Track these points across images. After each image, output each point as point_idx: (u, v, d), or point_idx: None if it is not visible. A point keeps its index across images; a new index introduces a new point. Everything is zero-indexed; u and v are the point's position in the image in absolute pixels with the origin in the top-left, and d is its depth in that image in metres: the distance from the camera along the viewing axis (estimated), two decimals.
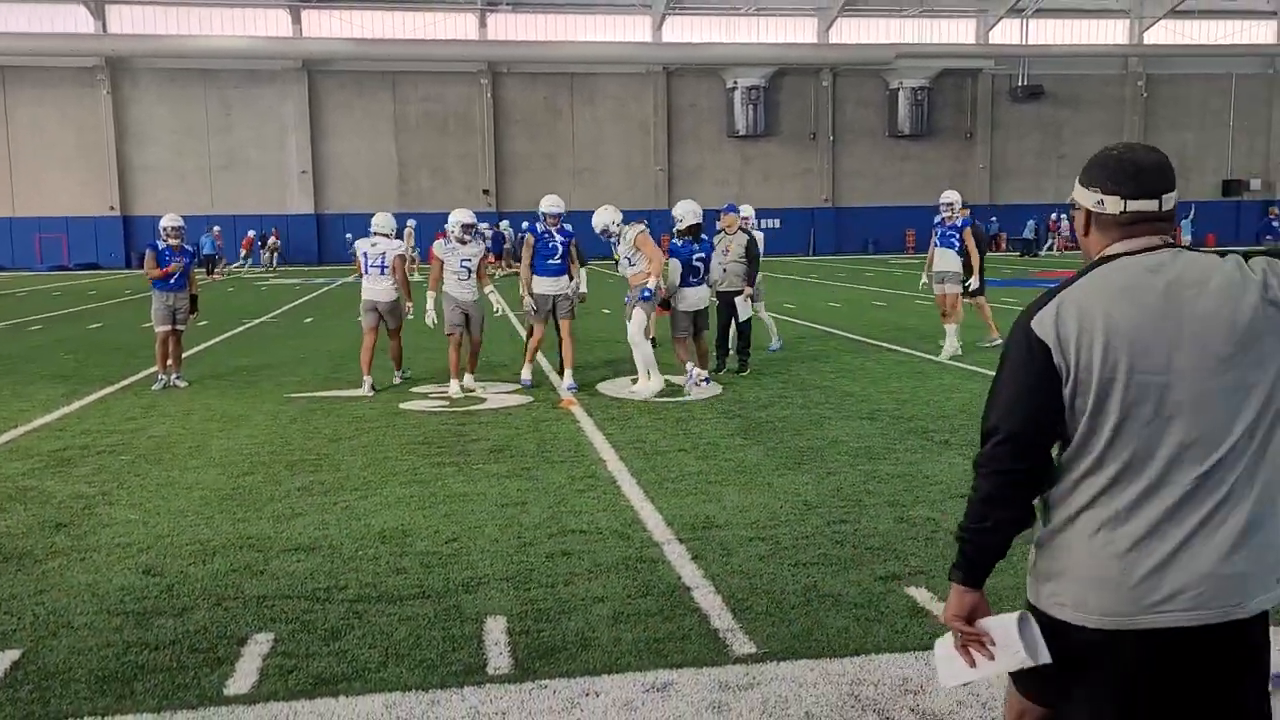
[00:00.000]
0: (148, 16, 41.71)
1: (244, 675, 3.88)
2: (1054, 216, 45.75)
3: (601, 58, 43.92)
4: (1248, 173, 49.81)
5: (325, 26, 42.75)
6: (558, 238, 10.45)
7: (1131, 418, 2.00)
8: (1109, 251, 2.12)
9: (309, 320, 19.01)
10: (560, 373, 10.62)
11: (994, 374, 2.19)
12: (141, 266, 11.18)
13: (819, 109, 46.81)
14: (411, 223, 31.79)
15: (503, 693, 3.71)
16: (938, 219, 12.85)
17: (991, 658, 2.15)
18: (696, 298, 10.51)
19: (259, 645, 4.14)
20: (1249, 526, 1.99)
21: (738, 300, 11.15)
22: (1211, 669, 2.03)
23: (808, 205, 46.86)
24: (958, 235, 12.61)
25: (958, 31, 47.61)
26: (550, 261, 10.45)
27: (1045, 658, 2.11)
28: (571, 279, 10.66)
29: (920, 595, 4.56)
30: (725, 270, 11.24)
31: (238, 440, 8.25)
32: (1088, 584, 2.06)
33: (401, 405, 9.71)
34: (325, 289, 28.16)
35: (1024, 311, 2.13)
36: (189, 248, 11.23)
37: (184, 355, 11.62)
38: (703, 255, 10.62)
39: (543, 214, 10.50)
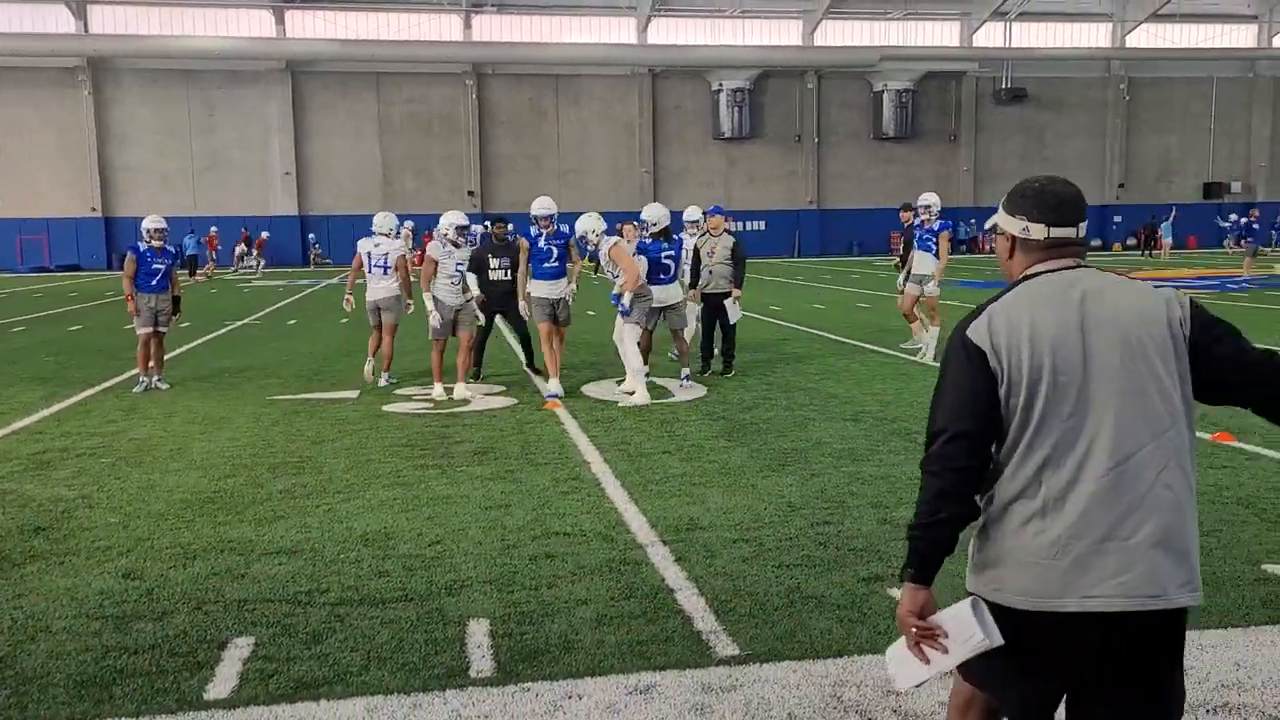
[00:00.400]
0: (130, 17, 41.48)
1: (224, 679, 3.85)
2: None
3: (587, 59, 43.91)
4: (1228, 176, 50.18)
5: (309, 27, 42.60)
6: (552, 241, 10.31)
7: (1054, 414, 2.22)
8: (1031, 271, 2.37)
9: (292, 322, 18.93)
10: (545, 376, 10.59)
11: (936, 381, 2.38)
12: (123, 268, 11.09)
13: (804, 111, 46.92)
14: (409, 224, 31.64)
15: (485, 696, 3.70)
16: (916, 221, 12.88)
17: (946, 651, 2.25)
18: (664, 294, 10.48)
19: (239, 649, 4.12)
20: (1167, 523, 2.19)
21: (726, 302, 11.16)
22: (1137, 652, 2.20)
23: (792, 207, 46.96)
24: (934, 238, 12.61)
25: (942, 34, 47.82)
26: (546, 265, 10.30)
27: (999, 639, 2.21)
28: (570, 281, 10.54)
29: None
30: (711, 272, 11.24)
31: (219, 443, 8.20)
32: (1022, 570, 2.23)
33: (385, 407, 9.68)
34: (309, 290, 28.05)
35: (958, 325, 2.35)
36: (171, 249, 11.17)
37: (166, 357, 11.56)
38: (672, 254, 10.63)
39: (534, 216, 10.39)
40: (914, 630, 2.28)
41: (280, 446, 8.01)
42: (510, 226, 12.01)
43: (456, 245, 10.34)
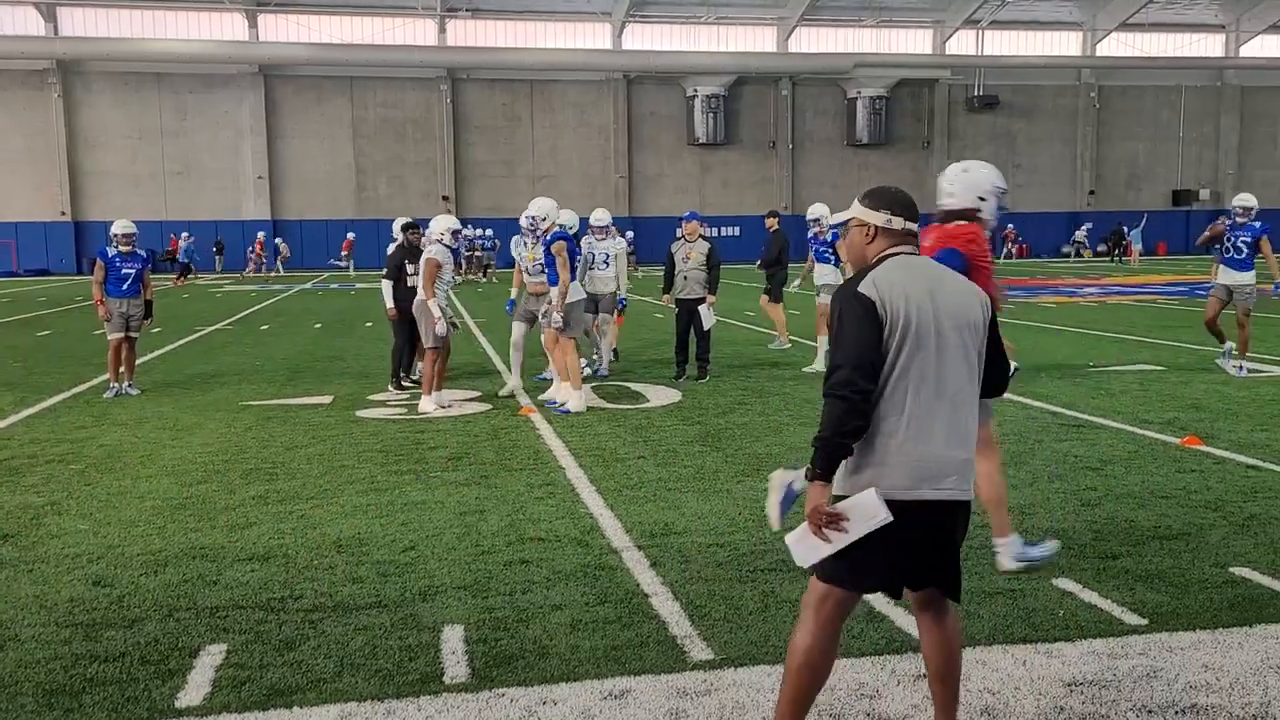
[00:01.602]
0: (100, 19, 41.13)
1: (196, 687, 3.82)
2: (1009, 226, 46.40)
3: (561, 65, 43.93)
4: (1197, 183, 50.82)
5: (282, 31, 42.36)
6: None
7: (915, 355, 2.95)
8: (890, 252, 3.11)
9: (265, 328, 18.80)
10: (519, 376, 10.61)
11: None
12: (92, 273, 10.99)
13: (778, 117, 47.14)
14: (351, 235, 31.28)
15: (460, 702, 3.69)
16: (810, 234, 12.53)
17: (846, 531, 2.89)
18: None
19: (211, 656, 4.08)
20: (972, 440, 3.04)
21: (701, 309, 11.18)
22: (954, 530, 3.05)
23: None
24: (829, 249, 12.26)
25: (915, 42, 48.20)
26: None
27: (891, 516, 2.88)
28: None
29: (876, 599, 4.59)
30: (686, 278, 11.27)
31: (191, 449, 8.14)
32: (888, 469, 2.94)
33: (358, 413, 9.63)
34: (284, 294, 27.88)
35: (842, 287, 3.06)
36: (142, 253, 11.08)
37: (138, 362, 11.45)
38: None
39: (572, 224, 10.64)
40: (824, 517, 2.91)
41: (253, 452, 7.96)
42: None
43: (448, 247, 10.20)
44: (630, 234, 34.84)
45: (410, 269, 10.78)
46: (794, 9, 44.87)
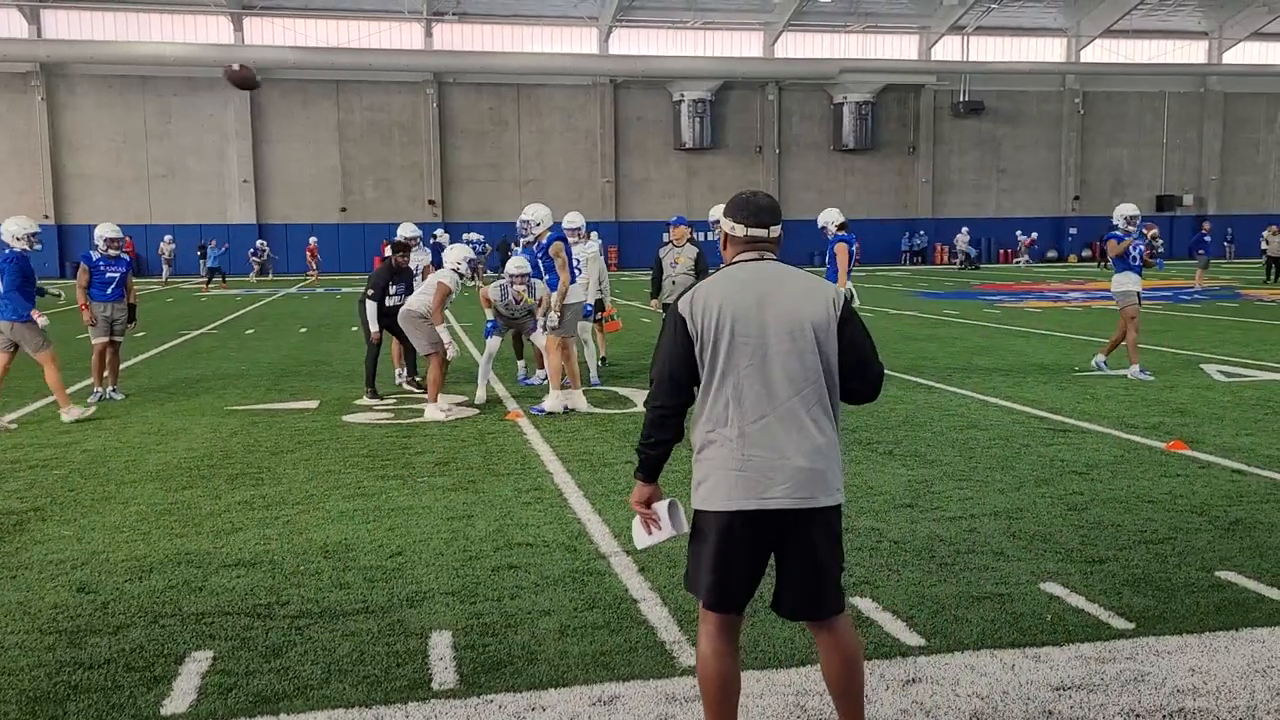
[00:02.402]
0: (84, 22, 40.91)
1: (182, 694, 3.80)
2: (1019, 233, 46.72)
3: (548, 69, 43.92)
4: (1180, 188, 51.16)
5: (267, 34, 42.23)
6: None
7: (733, 367, 2.97)
8: (734, 259, 3.15)
9: (250, 332, 18.72)
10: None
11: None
12: (76, 277, 10.92)
13: (765, 122, 47.24)
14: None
15: (448, 708, 3.67)
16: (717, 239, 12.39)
17: (659, 528, 3.19)
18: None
19: (197, 663, 4.06)
20: (815, 446, 2.97)
21: None
22: (795, 541, 3.00)
23: None
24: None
25: (901, 47, 48.38)
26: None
27: (684, 529, 3.17)
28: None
29: (865, 605, 4.60)
30: (674, 283, 11.27)
31: (176, 454, 8.09)
32: (711, 481, 2.99)
33: (345, 418, 9.59)
34: (268, 299, 27.77)
35: (677, 298, 3.10)
36: (126, 257, 11.03)
37: (122, 367, 11.38)
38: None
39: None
40: (640, 513, 3.20)
41: (239, 457, 7.92)
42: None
43: (461, 275, 10.17)
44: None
45: (392, 289, 10.77)
46: (780, 14, 45.00)
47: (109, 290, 10.73)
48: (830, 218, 12.40)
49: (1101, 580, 4.85)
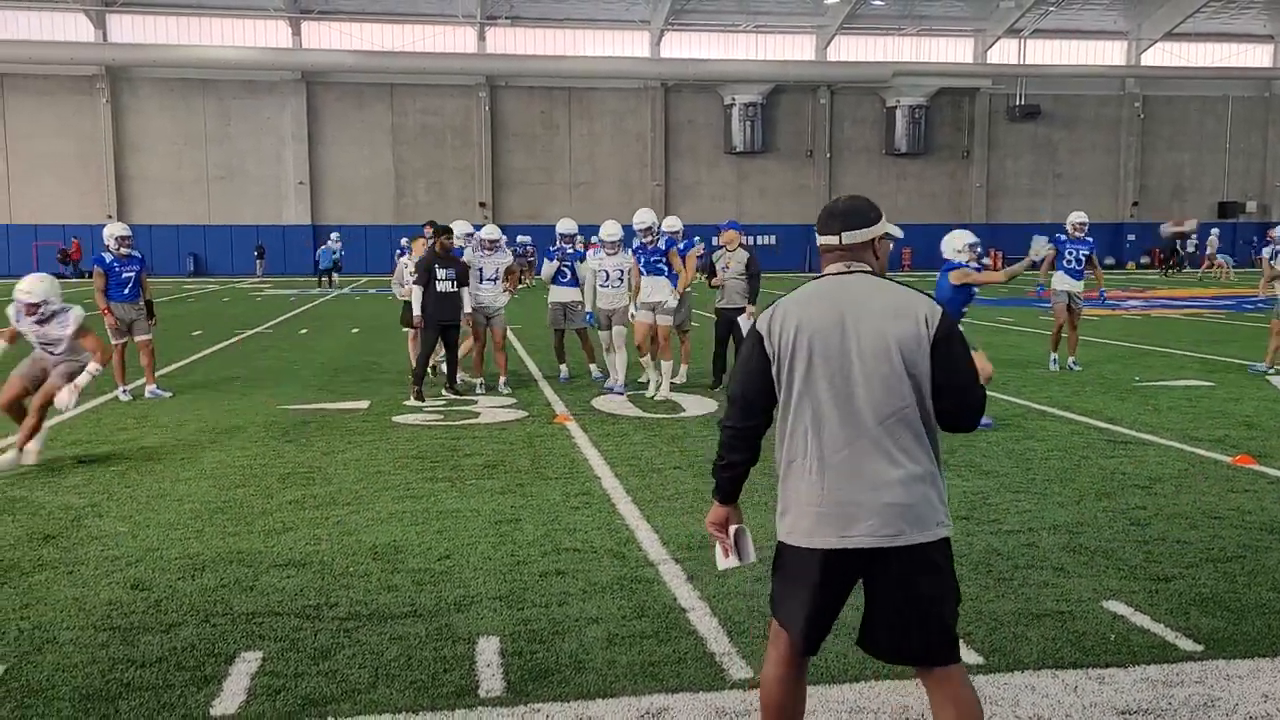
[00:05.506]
0: (148, 26, 41.74)
1: (231, 695, 3.80)
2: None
3: (599, 72, 44.02)
4: (1243, 194, 49.99)
5: (324, 38, 42.81)
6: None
7: (811, 390, 2.76)
8: (824, 272, 2.93)
9: (304, 332, 18.93)
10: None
11: None
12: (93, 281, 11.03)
13: (816, 126, 46.93)
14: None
15: (495, 716, 3.64)
16: (637, 244, 11.00)
17: (731, 556, 3.06)
18: (563, 294, 11.91)
19: (247, 664, 4.06)
20: (903, 478, 2.70)
21: (740, 319, 11.01)
22: (891, 575, 2.73)
23: (804, 222, 46.86)
24: (663, 259, 10.90)
25: (955, 50, 47.81)
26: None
27: (750, 559, 3.05)
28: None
29: None
30: (725, 287, 11.16)
31: (229, 452, 8.17)
32: (791, 514, 2.82)
33: (395, 419, 9.63)
34: (320, 300, 28.08)
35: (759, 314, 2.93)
36: (139, 255, 11.08)
37: (178, 364, 11.52)
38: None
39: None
40: (714, 535, 3.05)
41: (290, 457, 7.97)
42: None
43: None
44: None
45: (440, 274, 10.67)
46: (833, 17, 44.68)
47: (125, 290, 10.81)
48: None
49: (1167, 599, 4.69)
